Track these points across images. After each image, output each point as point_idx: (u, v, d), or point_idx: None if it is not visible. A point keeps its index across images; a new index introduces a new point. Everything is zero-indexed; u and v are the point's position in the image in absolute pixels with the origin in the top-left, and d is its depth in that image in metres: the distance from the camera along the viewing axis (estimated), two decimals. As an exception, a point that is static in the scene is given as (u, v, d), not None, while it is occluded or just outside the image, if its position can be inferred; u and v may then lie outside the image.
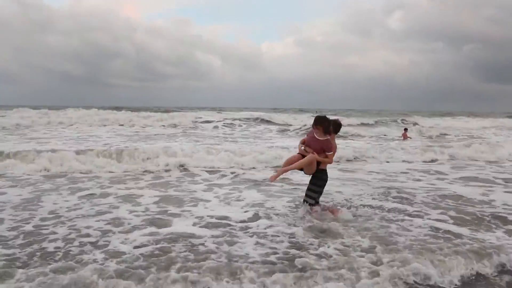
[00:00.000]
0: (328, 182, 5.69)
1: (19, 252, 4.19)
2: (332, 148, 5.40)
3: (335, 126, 5.64)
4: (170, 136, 18.67)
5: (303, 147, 5.52)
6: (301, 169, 5.50)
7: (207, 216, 5.68)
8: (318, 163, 5.42)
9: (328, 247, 4.43)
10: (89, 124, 21.78)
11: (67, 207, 6.02)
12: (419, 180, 9.00)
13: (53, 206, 6.06)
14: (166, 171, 9.47)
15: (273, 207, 6.21)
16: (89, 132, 18.70)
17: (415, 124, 29.99)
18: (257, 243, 4.59)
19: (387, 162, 11.93)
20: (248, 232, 5.02)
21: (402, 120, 32.66)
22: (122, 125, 22.67)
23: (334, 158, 5.72)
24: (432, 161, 12.29)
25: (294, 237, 4.79)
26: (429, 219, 5.68)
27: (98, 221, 5.35)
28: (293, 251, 4.35)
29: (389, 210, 6.11)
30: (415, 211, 6.11)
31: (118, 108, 34.73)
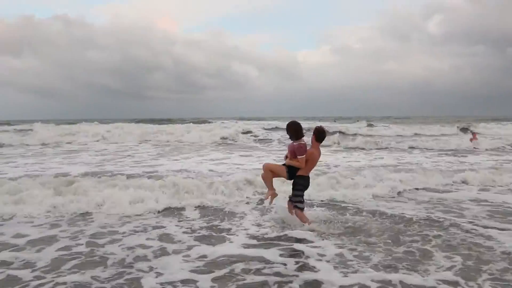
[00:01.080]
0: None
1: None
2: (303, 152, 5.35)
3: (317, 134, 5.56)
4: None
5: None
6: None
7: (261, 233, 5.30)
8: (296, 169, 5.45)
9: (428, 274, 3.91)
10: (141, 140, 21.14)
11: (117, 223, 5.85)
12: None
13: (102, 221, 5.91)
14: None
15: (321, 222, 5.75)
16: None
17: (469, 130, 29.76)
18: (335, 268, 4.10)
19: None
20: (319, 254, 4.52)
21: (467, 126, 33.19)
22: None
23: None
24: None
25: (373, 261, 4.29)
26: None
27: (148, 239, 5.11)
28: (386, 278, 3.84)
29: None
30: None
31: (156, 121, 34.80)
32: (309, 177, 5.59)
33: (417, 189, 8.46)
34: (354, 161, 13.22)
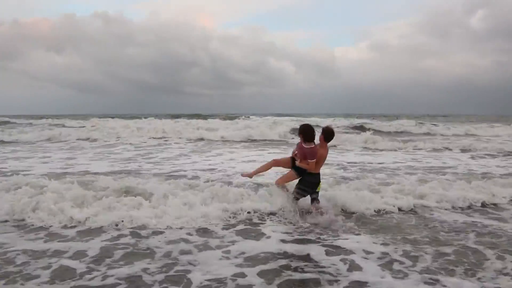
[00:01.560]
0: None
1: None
2: (314, 156, 5.58)
3: (326, 134, 5.76)
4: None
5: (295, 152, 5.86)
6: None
7: (298, 229, 5.29)
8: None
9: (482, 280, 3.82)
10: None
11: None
12: None
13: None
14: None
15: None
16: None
17: None
18: (383, 269, 4.02)
19: None
20: (365, 251, 4.47)
21: None
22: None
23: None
24: None
25: (424, 263, 4.18)
26: None
27: (189, 234, 5.13)
28: (441, 282, 3.74)
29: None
30: None
31: (193, 116, 35.21)
32: (319, 174, 5.83)
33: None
34: (394, 162, 12.57)
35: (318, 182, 5.80)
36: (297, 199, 5.85)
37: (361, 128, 27.55)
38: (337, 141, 17.30)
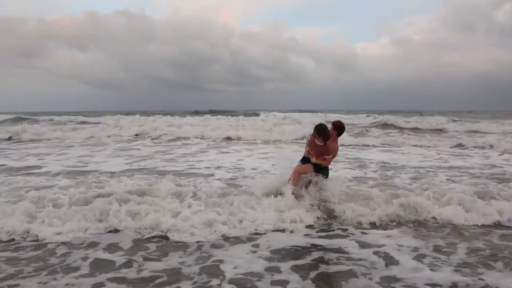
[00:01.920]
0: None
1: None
2: (330, 152, 6.00)
3: (339, 129, 6.19)
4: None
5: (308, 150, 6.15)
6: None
7: (321, 222, 5.34)
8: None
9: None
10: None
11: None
12: None
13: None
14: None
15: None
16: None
17: None
18: (418, 262, 4.03)
19: None
20: (398, 245, 4.49)
21: None
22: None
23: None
24: None
25: (457, 258, 4.17)
26: None
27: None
28: (478, 277, 3.72)
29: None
30: None
31: (213, 112, 35.24)
32: (328, 167, 6.29)
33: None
34: (419, 160, 12.07)
35: (328, 173, 6.30)
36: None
37: (384, 125, 26.83)
38: (359, 139, 17.27)
